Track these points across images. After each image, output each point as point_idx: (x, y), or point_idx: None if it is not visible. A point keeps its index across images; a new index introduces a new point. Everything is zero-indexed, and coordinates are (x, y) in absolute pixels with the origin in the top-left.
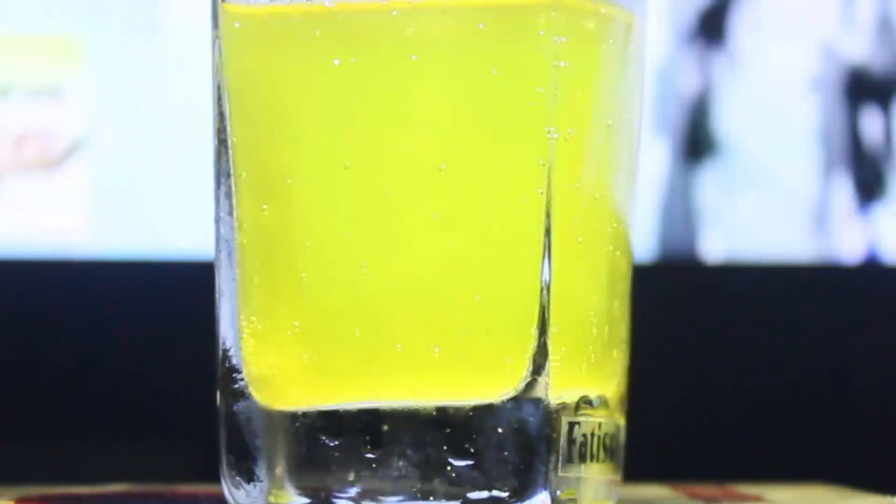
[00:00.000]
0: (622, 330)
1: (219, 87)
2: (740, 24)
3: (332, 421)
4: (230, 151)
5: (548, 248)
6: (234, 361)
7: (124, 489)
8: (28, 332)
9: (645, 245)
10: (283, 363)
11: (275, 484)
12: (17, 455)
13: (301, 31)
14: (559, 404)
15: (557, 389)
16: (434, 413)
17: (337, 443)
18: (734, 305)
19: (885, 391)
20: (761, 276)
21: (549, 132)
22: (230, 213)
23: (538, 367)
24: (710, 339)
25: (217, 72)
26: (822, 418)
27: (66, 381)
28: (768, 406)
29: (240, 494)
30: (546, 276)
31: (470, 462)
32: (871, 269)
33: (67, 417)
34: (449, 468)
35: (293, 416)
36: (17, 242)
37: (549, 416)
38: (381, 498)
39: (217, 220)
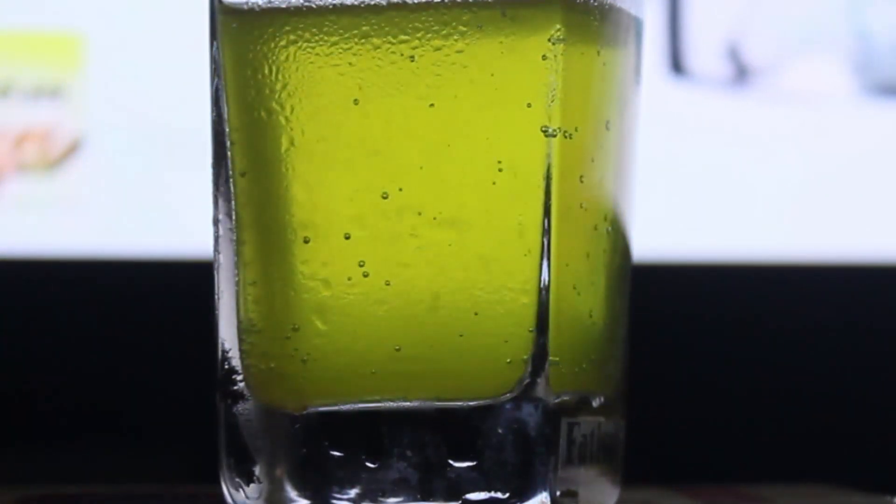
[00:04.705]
0: (622, 330)
1: (217, 88)
2: None
3: (331, 422)
4: (229, 152)
5: (547, 248)
6: (234, 362)
7: (124, 489)
8: (28, 332)
9: None
10: (282, 364)
11: (274, 485)
12: (18, 455)
13: (300, 32)
14: (559, 405)
15: (557, 390)
16: (434, 414)
17: (336, 444)
18: (735, 306)
19: (885, 391)
20: (761, 276)
21: (547, 132)
22: (229, 213)
23: (537, 367)
24: (711, 340)
25: (215, 72)
26: (822, 418)
27: (66, 381)
28: (768, 406)
29: (239, 496)
30: (545, 276)
31: (470, 463)
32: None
33: (67, 417)
34: (449, 469)
35: (292, 418)
36: (17, 242)
37: (549, 417)
38: (381, 499)
39: (216, 221)
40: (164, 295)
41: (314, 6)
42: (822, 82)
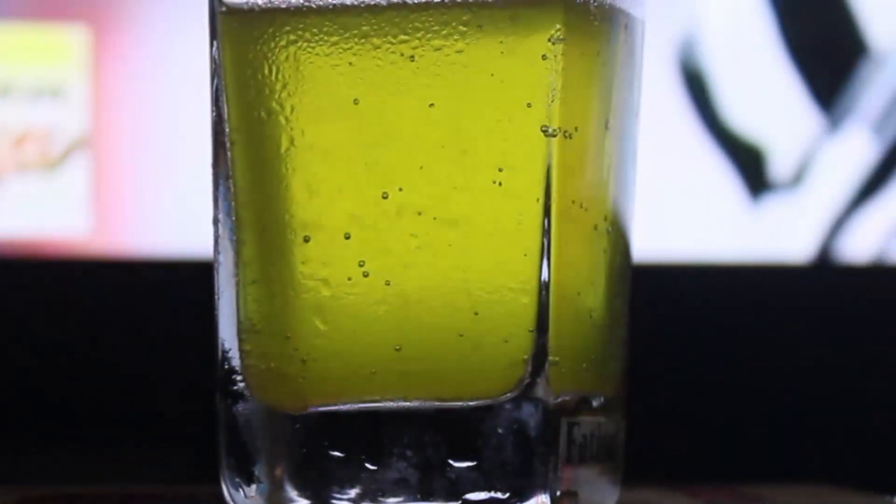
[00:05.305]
0: (622, 330)
1: (217, 88)
2: None
3: (331, 422)
4: (229, 152)
5: (547, 248)
6: (234, 363)
7: (124, 490)
8: (28, 332)
9: None
10: (282, 364)
11: (274, 485)
12: (18, 455)
13: (300, 32)
14: (559, 405)
15: (557, 390)
16: (434, 414)
17: (336, 444)
18: (735, 306)
19: (885, 391)
20: (761, 276)
21: (547, 132)
22: (229, 213)
23: (537, 367)
24: (711, 340)
25: (215, 72)
26: (822, 418)
27: (66, 381)
28: (768, 406)
29: (239, 496)
30: (545, 276)
31: (470, 463)
32: (876, 269)
33: (67, 417)
34: (449, 469)
35: (293, 418)
36: (17, 242)
37: (549, 417)
38: (381, 499)
39: (216, 221)
40: (164, 295)
41: (314, 6)
42: None
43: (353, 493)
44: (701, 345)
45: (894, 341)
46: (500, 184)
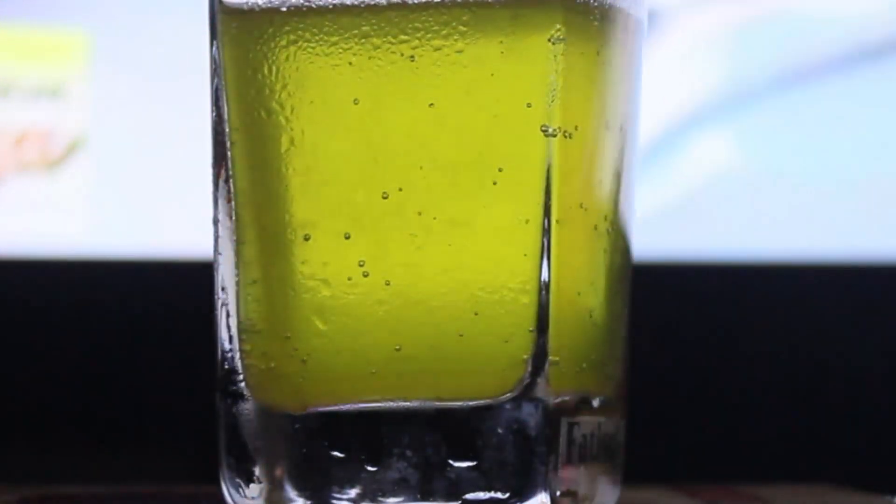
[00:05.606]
0: (622, 330)
1: (217, 88)
2: None
3: (331, 422)
4: (229, 152)
5: (547, 248)
6: (234, 362)
7: (124, 489)
8: (28, 332)
9: None
10: (282, 364)
11: (274, 485)
12: (18, 455)
13: (300, 32)
14: (559, 405)
15: (557, 390)
16: (433, 414)
17: (336, 444)
18: (734, 306)
19: (885, 391)
20: (761, 276)
21: (547, 132)
22: (229, 213)
23: (537, 367)
24: (711, 340)
25: (215, 72)
26: (821, 418)
27: (66, 381)
28: (768, 406)
29: (239, 496)
30: (545, 276)
31: (470, 463)
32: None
33: (67, 418)
34: (448, 469)
35: (292, 418)
36: (17, 242)
37: (549, 417)
38: (381, 499)
39: (216, 221)
40: (164, 295)
41: (314, 6)
42: None
43: (353, 493)
44: (700, 345)
45: (893, 341)
46: (500, 184)
